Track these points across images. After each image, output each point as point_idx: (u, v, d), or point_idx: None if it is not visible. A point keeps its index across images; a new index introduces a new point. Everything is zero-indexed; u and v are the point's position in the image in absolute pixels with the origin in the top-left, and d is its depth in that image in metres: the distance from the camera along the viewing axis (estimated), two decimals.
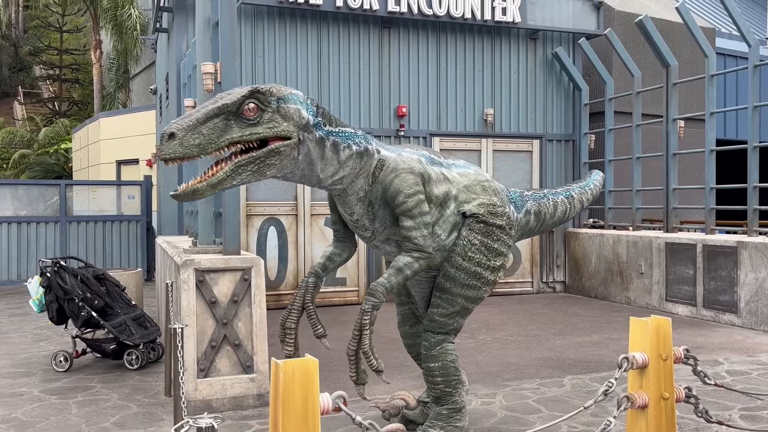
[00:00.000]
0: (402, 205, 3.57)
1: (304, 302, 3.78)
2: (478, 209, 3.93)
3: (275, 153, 3.22)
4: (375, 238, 3.81)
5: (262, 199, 9.77)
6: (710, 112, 9.21)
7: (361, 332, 3.49)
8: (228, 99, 3.16)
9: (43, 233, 13.17)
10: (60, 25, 29.65)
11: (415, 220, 3.58)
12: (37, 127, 27.44)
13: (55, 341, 7.65)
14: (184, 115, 3.14)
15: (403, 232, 3.60)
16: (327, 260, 3.98)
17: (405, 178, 3.60)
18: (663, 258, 9.33)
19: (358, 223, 3.76)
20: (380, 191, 3.61)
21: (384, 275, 3.61)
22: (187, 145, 3.04)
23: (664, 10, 13.24)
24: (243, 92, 3.18)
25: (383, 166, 3.63)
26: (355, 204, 3.65)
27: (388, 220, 3.68)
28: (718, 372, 5.96)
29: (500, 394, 5.35)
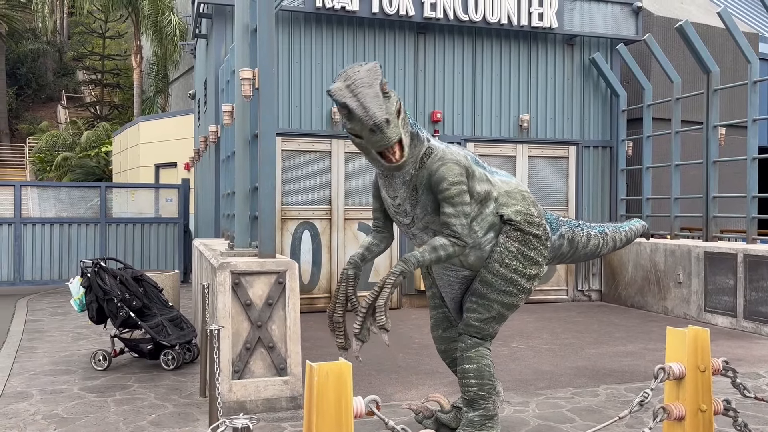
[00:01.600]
0: (445, 192, 3.66)
1: (347, 294, 3.84)
2: (516, 216, 4.01)
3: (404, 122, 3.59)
4: (414, 224, 3.87)
5: (297, 204, 9.86)
6: (753, 119, 9.01)
7: (382, 289, 3.53)
8: (377, 76, 3.44)
9: (83, 234, 13.49)
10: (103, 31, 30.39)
11: (455, 208, 3.67)
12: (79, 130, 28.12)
13: (94, 340, 7.82)
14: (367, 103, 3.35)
15: (443, 218, 3.68)
16: (365, 250, 4.06)
17: (451, 167, 3.71)
18: (702, 267, 9.15)
19: (400, 208, 3.84)
20: (426, 176, 3.71)
21: (419, 249, 3.67)
22: (396, 125, 3.41)
23: (705, 15, 13.00)
24: (378, 67, 3.50)
25: (431, 153, 3.76)
26: (400, 187, 3.76)
27: (429, 207, 3.76)
28: (758, 385, 5.81)
29: (533, 403, 5.30)
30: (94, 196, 13.93)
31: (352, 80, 3.49)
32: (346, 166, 10.03)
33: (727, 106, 11.42)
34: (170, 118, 19.05)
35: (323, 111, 9.97)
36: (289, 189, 9.83)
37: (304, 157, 9.90)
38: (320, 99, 9.95)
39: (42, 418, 4.97)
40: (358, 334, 3.61)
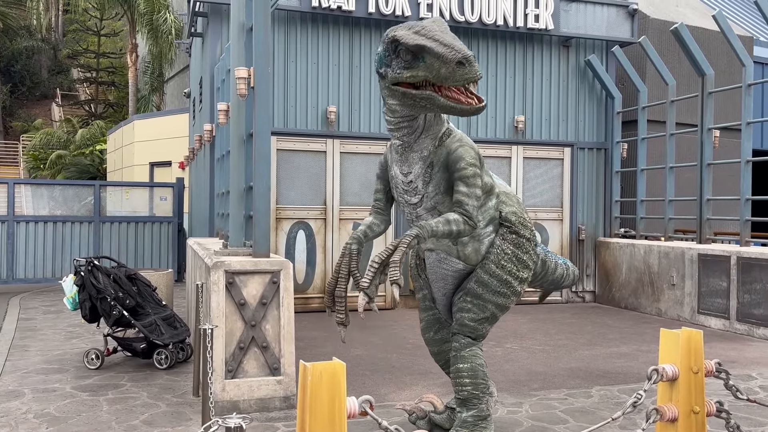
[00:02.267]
0: (462, 171, 3.70)
1: (350, 270, 3.80)
2: (512, 217, 4.10)
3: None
4: (422, 204, 3.86)
5: (292, 203, 9.85)
6: (747, 122, 9.05)
7: (396, 248, 3.47)
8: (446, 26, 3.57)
9: (77, 233, 13.44)
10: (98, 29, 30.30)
11: (470, 188, 3.70)
12: (73, 128, 28.03)
13: (87, 339, 7.79)
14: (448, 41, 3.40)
15: (457, 196, 3.70)
16: (368, 228, 4.06)
17: (468, 150, 3.78)
18: (695, 269, 9.17)
19: (411, 185, 3.84)
20: (444, 154, 3.75)
21: (433, 220, 3.64)
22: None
23: (700, 18, 13.04)
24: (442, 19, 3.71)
25: (450, 134, 3.84)
26: (416, 162, 3.79)
27: (442, 186, 3.79)
28: (751, 387, 5.83)
29: (527, 404, 5.31)
30: (88, 195, 13.88)
31: (420, 26, 3.51)
32: (341, 166, 10.03)
33: (721, 109, 11.46)
34: (165, 117, 19.01)
35: (319, 111, 9.96)
36: (284, 188, 9.82)
37: (299, 157, 9.89)
38: (316, 99, 9.94)
39: (34, 416, 4.95)
40: (366, 287, 3.51)
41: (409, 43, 3.46)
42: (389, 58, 3.60)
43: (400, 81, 3.56)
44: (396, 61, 3.56)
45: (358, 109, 10.13)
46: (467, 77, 3.38)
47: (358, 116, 10.13)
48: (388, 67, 3.61)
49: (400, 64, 3.53)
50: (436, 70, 3.41)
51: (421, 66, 3.46)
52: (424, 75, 3.47)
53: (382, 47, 3.65)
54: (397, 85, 3.59)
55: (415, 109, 3.63)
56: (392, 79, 3.59)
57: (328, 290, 3.85)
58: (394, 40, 3.53)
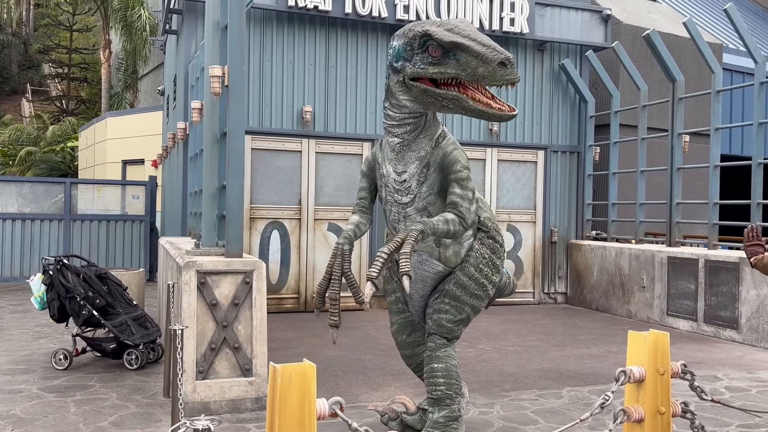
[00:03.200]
0: (458, 173, 3.78)
1: (343, 269, 3.74)
2: (488, 222, 4.20)
3: None
4: (413, 204, 3.89)
5: (266, 203, 9.80)
6: (715, 128, 9.22)
7: (405, 240, 3.47)
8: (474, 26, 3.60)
9: (47, 231, 13.22)
10: (70, 24, 29.81)
11: (464, 190, 3.79)
12: (44, 124, 27.56)
13: (55, 339, 7.67)
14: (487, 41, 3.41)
15: (452, 197, 3.77)
16: (355, 227, 4.05)
17: (462, 154, 3.89)
18: (665, 272, 9.32)
19: (404, 185, 3.87)
20: (440, 156, 3.82)
21: (433, 219, 3.68)
22: None
23: (672, 25, 13.26)
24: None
25: (445, 136, 3.92)
26: (413, 162, 3.83)
27: (435, 187, 3.85)
28: (717, 388, 5.94)
29: (498, 404, 5.34)
30: (58, 192, 13.66)
31: (453, 25, 3.50)
32: (316, 165, 10.00)
33: (691, 115, 11.66)
34: (138, 114, 18.80)
35: (294, 110, 9.92)
36: (259, 188, 9.77)
37: (274, 156, 9.84)
38: (291, 98, 9.91)
39: None
40: (374, 277, 3.46)
41: (444, 39, 3.44)
42: (409, 53, 3.58)
43: (422, 76, 3.55)
44: (421, 56, 3.53)
45: (334, 109, 10.11)
46: (508, 78, 3.38)
47: (334, 116, 10.12)
48: (407, 61, 3.59)
49: (426, 60, 3.51)
50: (472, 68, 3.39)
51: (451, 63, 3.44)
52: (454, 73, 3.45)
53: (402, 41, 3.63)
54: (416, 80, 3.58)
55: (433, 106, 3.64)
56: (412, 74, 3.57)
57: (319, 291, 3.78)
58: (426, 34, 3.50)
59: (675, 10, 16.08)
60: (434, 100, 3.56)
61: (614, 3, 12.75)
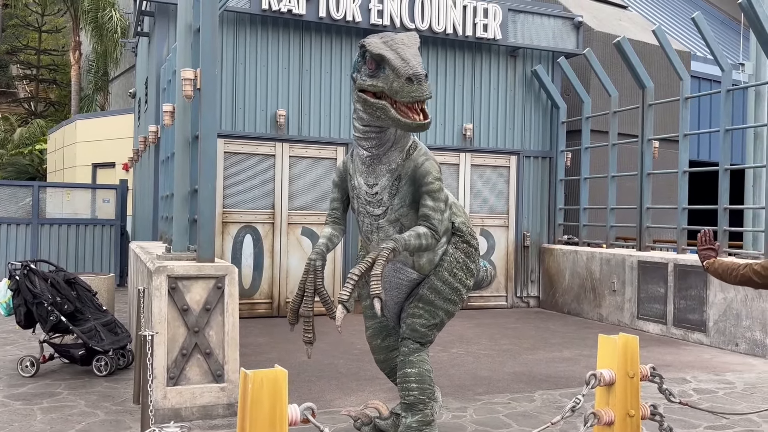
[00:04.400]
0: (430, 185, 3.76)
1: (315, 286, 3.74)
2: (463, 227, 4.18)
3: None
4: (385, 215, 3.87)
5: (239, 207, 9.73)
6: (684, 134, 9.38)
7: (375, 260, 3.48)
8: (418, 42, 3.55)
9: (14, 235, 12.95)
10: (39, 24, 29.33)
11: (436, 202, 3.77)
12: (11, 127, 27.04)
13: (21, 345, 7.52)
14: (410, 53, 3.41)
15: (423, 210, 3.75)
16: (328, 240, 4.03)
17: (434, 164, 3.85)
18: (635, 276, 9.45)
19: (376, 197, 3.84)
20: (411, 168, 3.79)
21: (405, 234, 3.68)
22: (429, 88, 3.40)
23: (642, 32, 13.48)
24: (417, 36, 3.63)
25: (416, 147, 3.87)
26: (384, 174, 3.80)
27: (407, 199, 3.82)
28: (685, 390, 6.04)
29: (471, 408, 5.36)
30: (26, 196, 13.39)
31: (390, 38, 3.52)
32: (290, 170, 9.96)
33: (661, 121, 11.86)
34: (109, 117, 18.55)
35: (268, 114, 9.87)
36: (231, 192, 9.69)
37: (247, 160, 9.78)
38: (265, 101, 9.86)
39: None
40: (345, 301, 3.49)
41: (373, 51, 3.47)
42: (359, 64, 3.62)
43: (364, 88, 3.57)
44: (363, 68, 3.58)
45: (308, 113, 10.09)
46: (413, 95, 3.37)
47: (308, 120, 10.09)
48: (357, 72, 3.63)
49: (365, 72, 3.56)
50: (390, 82, 3.43)
51: (381, 76, 3.48)
52: (381, 86, 3.48)
53: (357, 52, 3.68)
54: (362, 92, 3.59)
55: (372, 116, 3.62)
56: (358, 86, 3.60)
57: (292, 308, 3.77)
58: (361, 45, 3.56)
59: (645, 18, 16.35)
60: (371, 110, 3.57)
61: (586, 10, 12.93)
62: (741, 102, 13.58)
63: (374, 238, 4.00)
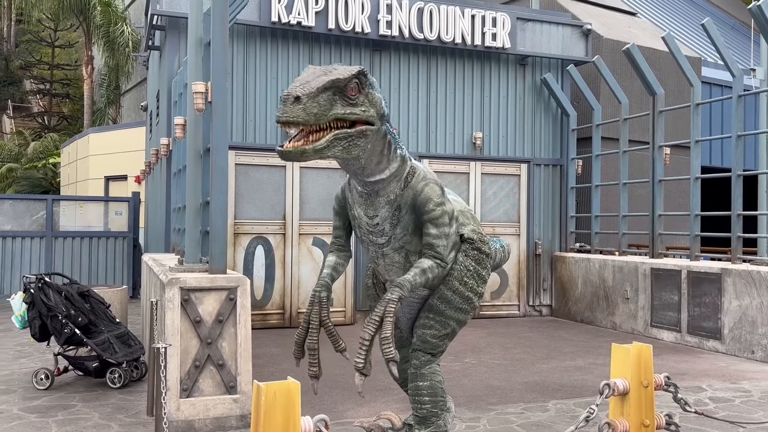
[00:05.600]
0: (431, 212, 3.65)
1: (321, 319, 3.70)
2: (473, 234, 4.06)
3: (363, 135, 3.33)
4: (389, 244, 3.79)
5: (251, 218, 9.76)
6: (695, 140, 9.34)
7: (383, 319, 3.41)
8: (340, 74, 3.25)
9: (28, 248, 13.06)
10: (52, 40, 29.68)
11: (439, 228, 3.67)
12: (25, 141, 27.31)
13: (36, 358, 7.56)
14: (301, 79, 3.19)
15: (427, 239, 3.66)
16: (333, 270, 3.96)
17: (434, 188, 3.71)
18: (648, 283, 9.39)
19: (377, 228, 3.75)
20: (411, 196, 3.67)
21: (409, 273, 3.60)
22: (308, 112, 3.12)
23: (651, 39, 13.45)
24: (353, 70, 3.29)
25: (415, 173, 3.73)
26: (383, 206, 3.69)
27: (410, 227, 3.73)
28: (701, 399, 5.98)
29: (485, 418, 5.34)
30: (40, 209, 13.51)
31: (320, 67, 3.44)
32: (301, 180, 9.99)
33: (672, 127, 11.82)
34: (121, 130, 18.67)
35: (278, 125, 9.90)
36: (243, 203, 9.73)
37: (258, 171, 9.82)
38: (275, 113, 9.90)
39: None
40: (362, 368, 3.45)
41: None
42: None
43: None
44: None
45: None
46: (277, 115, 3.23)
47: None
48: None
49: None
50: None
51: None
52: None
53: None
54: None
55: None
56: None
57: (297, 341, 3.72)
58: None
59: (654, 25, 16.32)
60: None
61: (594, 18, 12.93)
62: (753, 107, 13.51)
63: (381, 263, 3.98)
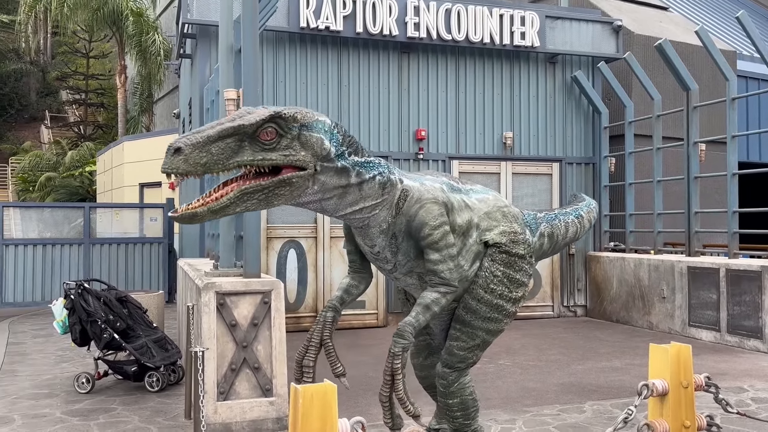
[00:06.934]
0: (428, 238, 3.43)
1: (322, 338, 3.63)
2: (500, 238, 3.80)
3: (286, 183, 3.02)
4: (396, 270, 3.66)
5: (283, 222, 9.85)
6: (732, 136, 9.15)
7: (393, 377, 3.32)
8: (246, 120, 2.94)
9: (67, 255, 13.36)
10: (86, 51, 30.32)
11: (441, 252, 3.44)
12: (62, 150, 27.94)
13: (77, 363, 7.73)
14: (198, 128, 2.91)
15: (429, 266, 3.46)
16: (344, 293, 3.83)
17: (430, 209, 3.46)
18: (685, 282, 9.22)
19: (379, 256, 3.61)
20: (404, 223, 3.45)
21: (411, 314, 3.45)
22: (192, 162, 2.82)
23: (684, 33, 13.22)
24: (263, 115, 2.95)
25: (407, 196, 3.47)
26: (377, 236, 3.51)
27: (412, 253, 3.55)
28: (742, 399, 5.85)
29: (520, 420, 5.30)
30: (77, 217, 13.81)
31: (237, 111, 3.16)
32: None
33: (707, 123, 11.60)
34: (155, 138, 18.98)
35: None
36: (275, 208, 9.80)
37: None
38: None
39: None
40: (392, 426, 3.41)
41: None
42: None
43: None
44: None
45: (347, 127, 10.14)
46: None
47: None
48: None
49: None
50: None
51: None
52: None
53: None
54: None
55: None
56: None
57: (297, 359, 3.66)
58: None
59: (687, 19, 16.04)
60: None
61: (625, 13, 12.76)
62: None
63: (398, 285, 3.93)
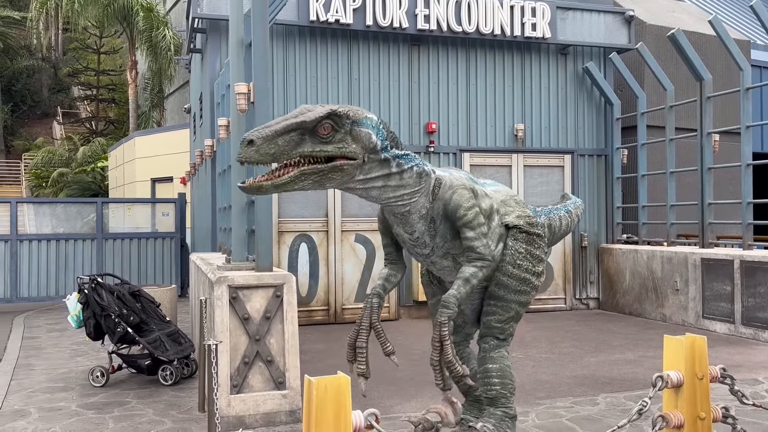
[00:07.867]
0: (463, 218, 3.82)
1: (371, 322, 3.96)
2: (518, 221, 4.23)
3: (338, 170, 3.44)
4: (434, 253, 4.00)
5: (294, 216, 9.86)
6: (746, 126, 9.06)
7: (441, 343, 3.65)
8: (307, 117, 3.38)
9: (80, 250, 13.46)
10: (97, 47, 30.45)
11: (475, 230, 3.84)
12: (75, 146, 28.11)
13: (92, 357, 7.79)
14: (266, 123, 3.40)
15: (466, 243, 3.84)
16: (385, 281, 4.19)
17: (462, 193, 3.87)
18: (699, 274, 9.16)
19: (419, 241, 3.96)
20: (441, 207, 3.85)
21: (453, 287, 3.80)
22: (262, 153, 3.27)
23: (697, 23, 13.09)
24: (321, 113, 3.39)
25: (441, 184, 3.88)
26: (417, 222, 3.87)
27: (449, 235, 3.91)
28: (757, 391, 5.81)
29: (533, 413, 5.29)
30: (90, 212, 13.92)
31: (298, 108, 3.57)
32: None
33: (720, 113, 11.48)
34: (166, 133, 19.06)
35: None
36: (286, 202, 9.84)
37: None
38: None
39: None
40: (443, 387, 3.76)
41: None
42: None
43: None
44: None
45: None
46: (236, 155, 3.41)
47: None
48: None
49: None
50: None
51: None
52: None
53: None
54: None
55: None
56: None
57: (349, 342, 4.00)
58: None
59: (700, 8, 15.88)
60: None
61: (637, 3, 12.64)
62: None
63: (433, 269, 4.22)
